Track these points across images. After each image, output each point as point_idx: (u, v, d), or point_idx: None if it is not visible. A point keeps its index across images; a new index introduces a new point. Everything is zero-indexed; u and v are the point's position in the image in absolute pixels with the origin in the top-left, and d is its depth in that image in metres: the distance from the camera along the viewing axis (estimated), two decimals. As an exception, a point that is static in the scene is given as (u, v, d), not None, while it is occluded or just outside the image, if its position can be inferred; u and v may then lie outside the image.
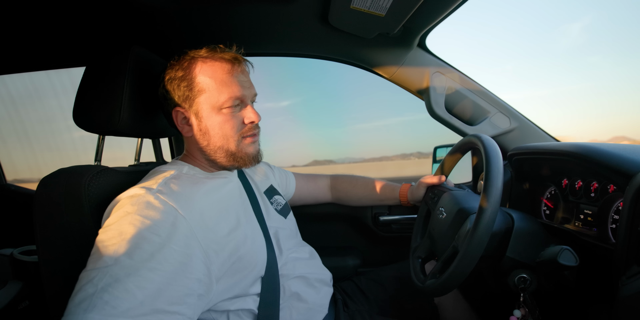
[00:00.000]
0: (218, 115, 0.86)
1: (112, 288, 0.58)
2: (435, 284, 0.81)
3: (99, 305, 0.56)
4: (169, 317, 0.61)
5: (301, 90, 9.77)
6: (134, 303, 0.58)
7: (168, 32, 1.25)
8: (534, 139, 1.36)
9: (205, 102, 0.85)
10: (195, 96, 0.85)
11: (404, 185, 1.26)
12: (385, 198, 1.28)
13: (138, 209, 0.67)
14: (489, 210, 0.74)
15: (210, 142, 0.87)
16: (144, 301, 0.59)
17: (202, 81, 0.84)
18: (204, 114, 0.86)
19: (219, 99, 0.84)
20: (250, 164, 0.92)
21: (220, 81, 0.85)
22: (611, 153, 0.82)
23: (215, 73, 0.85)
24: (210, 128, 0.86)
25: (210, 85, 0.84)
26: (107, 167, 0.87)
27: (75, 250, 0.75)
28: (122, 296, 0.58)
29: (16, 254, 1.56)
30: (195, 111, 0.86)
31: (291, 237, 1.02)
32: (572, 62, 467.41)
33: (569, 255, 0.74)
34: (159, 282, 0.62)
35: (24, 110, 2.66)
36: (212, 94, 0.84)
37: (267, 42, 1.37)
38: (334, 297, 1.07)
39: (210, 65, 0.85)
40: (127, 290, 0.58)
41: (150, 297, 0.60)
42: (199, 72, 0.85)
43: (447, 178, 1.18)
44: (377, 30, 1.21)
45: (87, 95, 0.89)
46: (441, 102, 1.35)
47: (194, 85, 0.85)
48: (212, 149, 0.88)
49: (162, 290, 0.62)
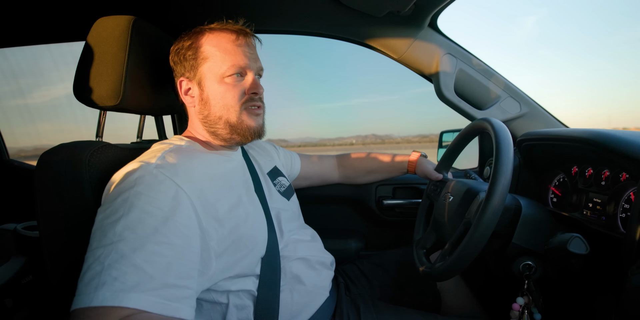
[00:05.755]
0: (220, 85, 0.85)
1: (119, 264, 0.57)
2: (445, 264, 0.79)
3: (108, 281, 0.56)
4: (178, 291, 0.61)
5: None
6: (143, 278, 0.58)
7: (172, 6, 1.21)
8: (544, 125, 1.33)
9: (208, 71, 0.85)
10: (199, 65, 0.85)
11: (413, 154, 1.25)
12: (394, 169, 1.28)
13: (137, 184, 0.66)
14: (502, 181, 0.72)
15: (210, 112, 0.87)
16: (154, 275, 0.59)
17: (207, 50, 0.85)
18: (207, 83, 0.86)
19: (221, 67, 0.84)
20: (251, 138, 0.89)
21: (224, 49, 0.85)
22: (626, 140, 0.80)
23: (220, 42, 0.85)
24: (211, 97, 0.86)
25: (214, 53, 0.85)
26: (108, 143, 0.86)
27: (76, 225, 0.75)
28: (130, 271, 0.57)
29: (19, 229, 1.57)
30: (198, 80, 0.86)
31: (293, 219, 1.02)
32: (524, 54, 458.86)
33: (579, 243, 0.72)
34: (168, 255, 0.62)
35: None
36: (215, 62, 0.85)
37: (273, 19, 1.33)
38: (336, 281, 1.07)
39: (216, 35, 0.86)
40: (134, 265, 0.58)
41: (160, 271, 0.60)
42: (204, 41, 0.86)
43: (452, 164, 1.16)
44: (387, 8, 1.17)
45: (87, 70, 0.87)
46: (450, 85, 1.32)
47: (199, 54, 0.85)
48: (212, 119, 0.87)
49: (172, 264, 0.62)
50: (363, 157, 1.33)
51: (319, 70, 70.92)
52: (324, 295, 0.95)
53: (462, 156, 1.15)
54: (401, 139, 15.67)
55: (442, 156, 1.16)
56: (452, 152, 1.13)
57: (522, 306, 0.84)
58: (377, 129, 33.43)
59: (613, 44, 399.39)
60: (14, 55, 2.51)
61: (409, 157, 1.25)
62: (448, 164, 1.16)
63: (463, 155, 1.16)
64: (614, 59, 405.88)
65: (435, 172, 1.15)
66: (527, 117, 1.34)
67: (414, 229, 1.14)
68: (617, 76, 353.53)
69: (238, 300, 0.79)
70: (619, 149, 0.79)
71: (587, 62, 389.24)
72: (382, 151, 1.34)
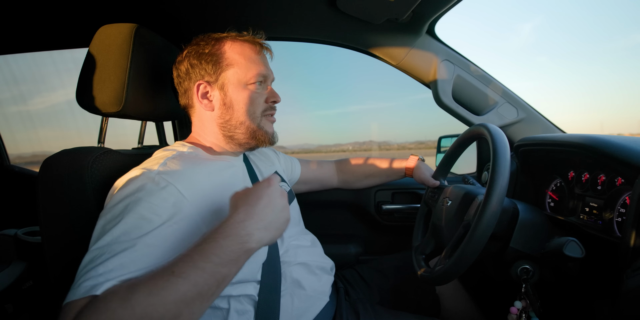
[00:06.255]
0: (244, 91, 0.88)
1: (108, 262, 0.59)
2: (445, 267, 0.80)
3: (93, 277, 0.57)
4: None
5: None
6: (126, 273, 0.58)
7: (174, 14, 1.23)
8: (541, 131, 1.34)
9: (232, 77, 0.88)
10: (223, 70, 0.88)
11: (411, 157, 1.26)
12: (392, 173, 1.30)
13: (139, 190, 0.67)
14: (500, 182, 0.74)
15: (233, 117, 0.89)
16: (135, 272, 0.59)
17: (231, 57, 0.88)
18: (230, 88, 0.88)
19: (246, 75, 0.88)
20: (267, 144, 0.94)
21: (249, 58, 0.89)
22: (621, 145, 0.81)
23: (245, 51, 0.89)
24: (235, 102, 0.88)
25: (239, 61, 0.88)
26: (110, 149, 0.87)
27: (78, 230, 0.76)
28: (117, 268, 0.58)
29: (20, 235, 1.57)
30: (220, 85, 0.88)
31: (293, 224, 1.02)
32: (521, 61, 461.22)
33: (574, 246, 0.73)
34: (157, 257, 0.62)
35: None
36: (240, 69, 0.88)
37: (274, 26, 1.35)
38: (335, 286, 1.07)
39: (239, 44, 0.90)
40: (122, 264, 0.59)
41: (144, 269, 0.60)
42: (228, 48, 0.89)
43: (450, 170, 1.17)
44: (385, 16, 1.18)
45: (90, 77, 0.88)
46: (448, 91, 1.33)
47: (222, 60, 0.88)
48: (233, 124, 0.90)
49: (158, 265, 0.62)
50: (361, 162, 1.34)
51: (318, 77, 69.80)
52: (324, 300, 0.96)
53: (460, 161, 1.16)
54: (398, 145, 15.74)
55: (440, 162, 1.16)
56: (449, 158, 1.14)
57: (520, 310, 0.84)
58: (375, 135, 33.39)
59: (608, 51, 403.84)
60: (16, 61, 2.52)
61: (407, 161, 1.26)
62: (445, 170, 1.16)
63: (461, 160, 1.16)
64: (608, 65, 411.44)
65: (432, 179, 1.16)
66: (524, 122, 1.35)
67: (413, 234, 1.14)
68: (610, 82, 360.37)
69: (239, 305, 0.80)
70: (614, 154, 0.80)
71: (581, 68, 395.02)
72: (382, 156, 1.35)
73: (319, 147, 5.88)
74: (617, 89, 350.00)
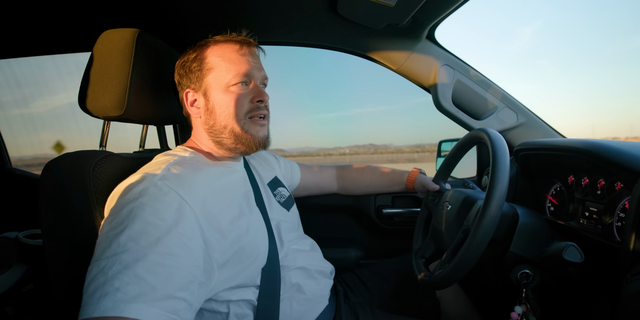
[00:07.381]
0: (226, 94, 0.86)
1: (121, 274, 0.57)
2: (445, 271, 0.80)
3: (111, 292, 0.56)
4: (177, 303, 0.61)
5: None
6: (145, 288, 0.58)
7: (176, 19, 1.24)
8: (541, 135, 1.35)
9: (213, 81, 0.86)
10: (205, 75, 0.87)
11: (413, 171, 1.26)
12: (393, 184, 1.30)
13: (142, 195, 0.67)
14: (500, 186, 0.74)
15: (216, 122, 0.88)
16: (155, 286, 0.59)
17: (212, 60, 0.87)
18: (212, 93, 0.87)
19: (226, 76, 0.86)
20: (256, 148, 0.90)
21: (228, 59, 0.87)
22: (620, 150, 0.81)
23: (224, 52, 0.87)
24: (217, 106, 0.87)
25: (219, 63, 0.86)
26: (112, 152, 0.87)
27: (79, 234, 0.76)
28: (132, 281, 0.57)
29: (21, 238, 1.57)
30: (204, 91, 0.87)
31: (293, 229, 1.02)
32: (522, 64, 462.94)
33: (574, 251, 0.73)
34: (171, 266, 0.62)
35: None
36: (220, 72, 0.86)
37: (275, 30, 1.36)
38: (334, 289, 1.07)
39: (220, 46, 0.88)
40: (136, 275, 0.58)
41: (162, 282, 0.60)
42: (209, 52, 0.88)
43: (450, 174, 1.18)
44: (386, 21, 1.19)
45: (92, 81, 0.89)
46: (448, 96, 1.34)
47: (204, 65, 0.87)
48: (217, 129, 0.88)
49: (173, 275, 0.61)
50: (363, 170, 1.34)
51: (319, 81, 71.06)
52: (323, 304, 0.96)
53: (460, 165, 1.16)
54: (395, 148, 15.67)
55: (440, 167, 1.17)
56: (449, 163, 1.14)
57: (520, 314, 0.84)
58: (375, 138, 33.20)
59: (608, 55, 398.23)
60: (18, 64, 2.54)
61: (409, 173, 1.26)
62: (445, 174, 1.17)
63: (461, 165, 1.17)
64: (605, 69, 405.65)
65: (433, 183, 1.16)
66: (524, 127, 1.35)
67: (413, 238, 1.15)
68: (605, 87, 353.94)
69: (238, 309, 0.80)
70: (614, 159, 0.81)
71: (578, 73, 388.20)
72: (379, 161, 1.35)
73: (319, 150, 5.88)
74: (611, 92, 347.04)
